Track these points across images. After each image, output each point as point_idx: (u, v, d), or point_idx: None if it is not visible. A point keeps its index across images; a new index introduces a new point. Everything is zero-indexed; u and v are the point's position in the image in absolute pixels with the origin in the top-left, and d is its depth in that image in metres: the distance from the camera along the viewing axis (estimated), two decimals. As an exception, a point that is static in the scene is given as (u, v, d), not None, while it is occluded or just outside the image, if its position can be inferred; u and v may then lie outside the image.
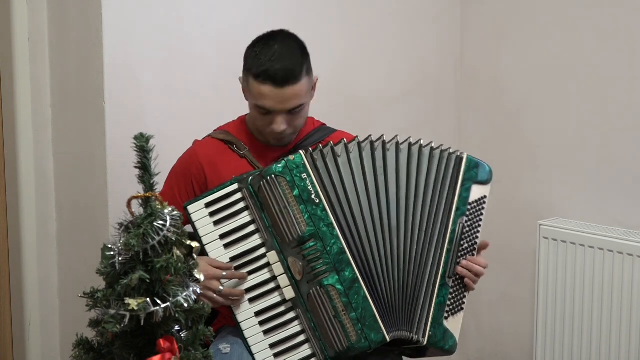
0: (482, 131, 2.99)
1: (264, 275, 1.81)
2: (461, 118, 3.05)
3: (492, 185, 1.93)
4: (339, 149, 1.82)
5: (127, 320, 1.34)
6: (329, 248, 1.79)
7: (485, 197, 1.92)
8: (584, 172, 2.68)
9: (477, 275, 1.89)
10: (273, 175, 1.78)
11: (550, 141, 2.76)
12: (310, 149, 1.83)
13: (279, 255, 1.80)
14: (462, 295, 1.89)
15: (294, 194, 1.78)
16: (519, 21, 2.82)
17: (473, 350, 3.12)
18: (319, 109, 2.21)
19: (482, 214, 1.92)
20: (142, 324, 1.35)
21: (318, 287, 1.78)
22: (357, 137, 1.86)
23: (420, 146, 1.89)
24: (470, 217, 1.90)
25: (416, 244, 1.85)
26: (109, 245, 1.38)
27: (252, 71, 1.81)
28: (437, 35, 2.95)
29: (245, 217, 1.82)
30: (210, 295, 1.77)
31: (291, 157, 1.80)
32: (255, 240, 1.81)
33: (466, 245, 1.90)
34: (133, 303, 1.34)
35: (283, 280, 1.80)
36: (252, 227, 1.81)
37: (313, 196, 1.79)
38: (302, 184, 1.79)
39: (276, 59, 1.79)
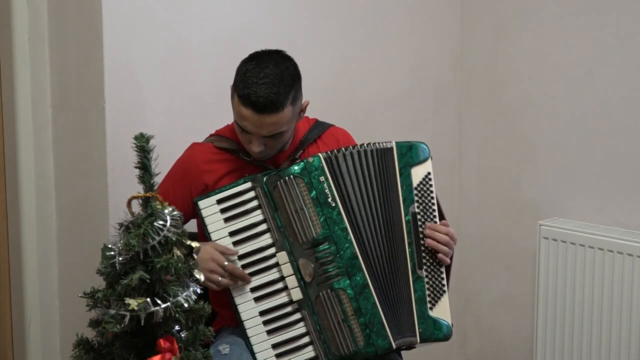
0: (482, 131, 2.99)
1: (272, 275, 1.82)
2: (461, 118, 3.05)
3: (432, 158, 1.90)
4: (342, 156, 1.84)
5: (127, 320, 1.34)
6: (342, 252, 1.80)
7: (429, 173, 1.89)
8: (584, 172, 2.68)
9: (446, 244, 1.86)
10: (291, 176, 1.80)
11: (551, 141, 2.76)
12: (327, 152, 1.84)
13: (289, 256, 1.80)
14: (439, 279, 1.88)
15: (311, 195, 1.80)
16: (519, 21, 2.82)
17: (473, 350, 3.12)
18: (320, 109, 2.21)
19: (431, 192, 1.89)
20: (142, 324, 1.35)
21: (328, 290, 1.79)
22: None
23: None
24: (420, 201, 1.88)
25: (388, 245, 1.85)
26: (109, 245, 1.38)
27: (237, 90, 1.79)
28: (437, 35, 2.95)
29: (257, 216, 1.82)
30: (215, 278, 1.77)
31: (310, 159, 1.82)
32: (266, 239, 1.82)
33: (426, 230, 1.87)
34: (133, 303, 1.34)
35: (291, 281, 1.80)
36: (263, 227, 1.82)
37: (329, 199, 1.81)
38: (320, 187, 1.80)
39: (263, 85, 1.75)
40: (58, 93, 2.25)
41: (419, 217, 1.87)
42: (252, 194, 1.82)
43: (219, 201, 1.82)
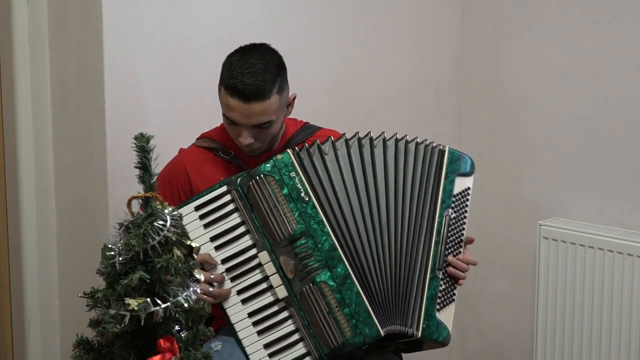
0: (482, 131, 2.99)
1: (256, 275, 1.82)
2: (461, 118, 3.05)
3: (474, 177, 1.96)
4: (326, 147, 1.84)
5: (127, 320, 1.34)
6: (320, 245, 1.79)
7: (469, 188, 1.95)
8: (584, 172, 2.68)
9: (465, 271, 1.92)
10: (262, 175, 1.79)
11: (551, 141, 2.76)
12: (296, 147, 1.84)
13: (271, 255, 1.80)
14: (452, 287, 1.91)
15: (283, 192, 1.79)
16: (519, 21, 2.82)
17: (473, 350, 3.12)
18: (320, 109, 2.21)
19: (467, 205, 1.94)
20: (142, 324, 1.35)
21: (311, 285, 1.79)
22: (344, 134, 1.88)
23: (406, 142, 1.91)
24: (455, 210, 1.92)
25: (405, 237, 1.87)
26: (109, 245, 1.38)
27: (223, 81, 1.82)
28: (437, 35, 2.95)
29: (235, 219, 1.82)
30: (201, 297, 1.77)
31: (279, 156, 1.81)
32: (246, 241, 1.82)
33: (453, 237, 1.92)
34: (133, 303, 1.34)
35: (275, 280, 1.80)
36: (242, 229, 1.82)
37: (302, 194, 1.80)
38: (291, 183, 1.80)
39: (248, 74, 1.78)
40: (58, 93, 2.25)
41: (450, 223, 1.91)
42: (228, 197, 1.82)
43: (197, 208, 1.82)
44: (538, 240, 2.70)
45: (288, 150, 1.82)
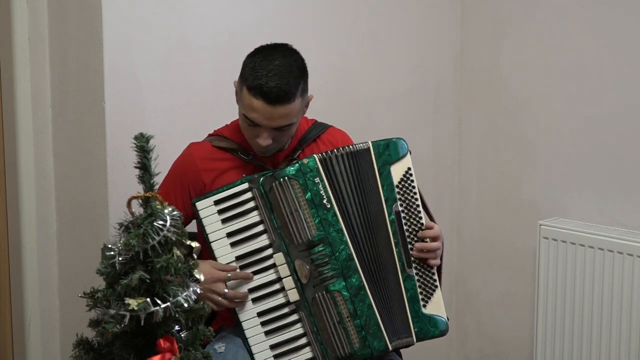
0: (482, 131, 2.99)
1: (269, 276, 1.82)
2: (461, 118, 3.05)
3: (411, 153, 1.87)
4: (339, 156, 1.83)
5: (127, 320, 1.34)
6: (337, 254, 1.79)
7: (409, 169, 1.86)
8: (584, 172, 2.68)
9: (435, 250, 1.86)
10: (286, 178, 1.79)
11: (551, 141, 2.76)
12: (322, 153, 1.83)
13: (286, 257, 1.80)
14: (430, 275, 1.87)
15: (306, 197, 1.79)
16: (519, 21, 2.82)
17: (473, 350, 3.11)
18: (320, 109, 2.21)
19: (413, 187, 1.86)
20: (142, 324, 1.35)
21: (324, 292, 1.79)
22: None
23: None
24: (403, 199, 1.86)
25: (376, 246, 1.84)
26: (109, 245, 1.38)
27: (247, 82, 1.79)
28: (437, 35, 2.95)
29: (254, 217, 1.82)
30: (215, 298, 1.77)
31: (305, 161, 1.81)
32: (263, 240, 1.82)
33: (412, 227, 1.87)
34: (133, 303, 1.34)
35: (288, 283, 1.80)
36: (260, 227, 1.82)
37: (324, 201, 1.80)
38: (315, 188, 1.80)
39: (273, 76, 1.76)
40: (58, 93, 2.25)
41: (403, 214, 1.86)
42: (249, 194, 1.82)
43: (217, 202, 1.82)
44: (538, 240, 2.70)
45: (315, 156, 1.82)
